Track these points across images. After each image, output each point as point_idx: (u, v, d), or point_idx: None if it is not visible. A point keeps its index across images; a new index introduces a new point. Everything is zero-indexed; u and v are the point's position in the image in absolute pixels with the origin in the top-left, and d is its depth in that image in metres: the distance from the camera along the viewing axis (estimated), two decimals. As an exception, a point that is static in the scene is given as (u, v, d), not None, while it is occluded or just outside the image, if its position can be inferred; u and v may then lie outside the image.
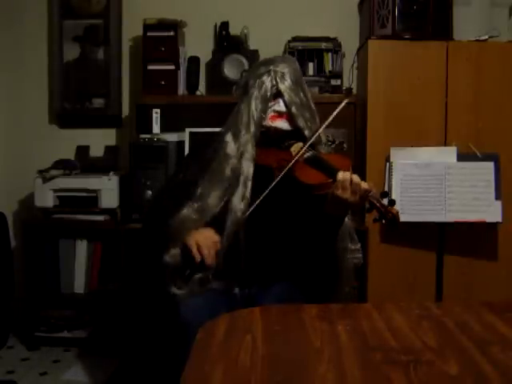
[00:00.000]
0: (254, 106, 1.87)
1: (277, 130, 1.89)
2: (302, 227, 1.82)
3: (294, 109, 1.87)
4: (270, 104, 1.87)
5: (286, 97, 1.87)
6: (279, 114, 1.88)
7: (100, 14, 3.21)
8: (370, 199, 1.64)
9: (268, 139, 1.89)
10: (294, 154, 1.82)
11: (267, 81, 1.88)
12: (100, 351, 2.92)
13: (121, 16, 3.22)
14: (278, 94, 1.88)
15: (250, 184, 1.81)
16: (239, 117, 1.89)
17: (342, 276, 1.90)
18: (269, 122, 1.88)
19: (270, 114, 1.88)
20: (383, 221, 1.64)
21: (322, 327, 1.33)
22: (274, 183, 1.75)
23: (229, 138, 1.89)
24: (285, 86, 1.87)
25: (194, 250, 1.73)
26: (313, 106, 1.97)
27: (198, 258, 1.73)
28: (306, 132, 1.88)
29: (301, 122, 1.88)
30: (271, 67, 1.89)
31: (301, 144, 1.84)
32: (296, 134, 1.89)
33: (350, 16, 3.14)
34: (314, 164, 1.78)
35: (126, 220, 2.87)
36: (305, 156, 1.80)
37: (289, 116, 1.88)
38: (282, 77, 1.88)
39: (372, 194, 1.64)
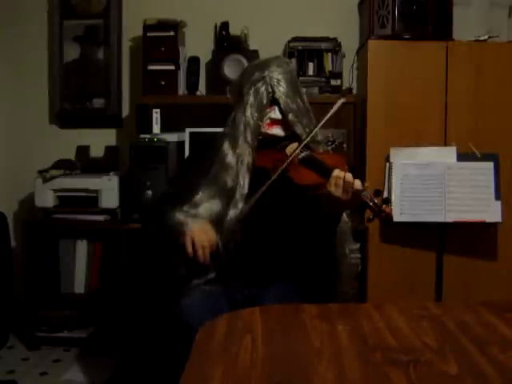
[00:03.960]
0: (250, 113, 1.85)
1: (273, 136, 1.88)
2: (299, 227, 1.82)
3: (290, 116, 1.86)
4: (266, 111, 1.86)
5: (282, 104, 1.85)
6: (275, 122, 1.87)
7: (100, 14, 3.21)
8: (363, 198, 1.62)
9: (264, 142, 1.88)
10: (289, 154, 1.81)
11: (262, 88, 1.85)
12: (100, 351, 2.92)
13: (121, 16, 3.22)
14: (273, 101, 1.86)
15: (245, 194, 1.80)
16: (236, 125, 1.88)
17: (340, 276, 1.90)
18: (265, 129, 1.87)
19: (267, 121, 1.87)
20: (377, 219, 1.63)
21: (322, 327, 1.33)
22: (266, 185, 1.73)
23: (226, 147, 1.87)
24: (281, 92, 1.85)
25: (189, 250, 1.73)
26: (309, 108, 1.95)
27: (190, 254, 1.72)
28: (304, 137, 1.85)
29: (298, 129, 1.87)
30: (266, 73, 1.86)
31: (296, 144, 1.83)
32: (292, 136, 1.88)
33: (350, 16, 3.14)
34: (308, 164, 1.77)
35: (126, 220, 2.87)
36: (299, 157, 1.79)
37: (285, 123, 1.87)
38: (278, 83, 1.85)
39: (365, 194, 1.62)
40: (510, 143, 2.62)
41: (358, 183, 1.63)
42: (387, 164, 2.57)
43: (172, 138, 2.90)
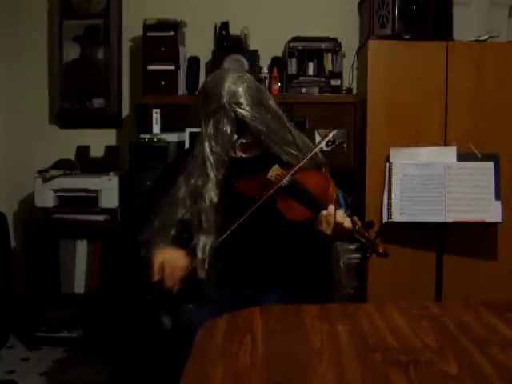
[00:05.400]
0: (209, 147, 1.73)
1: (251, 158, 1.80)
2: (291, 251, 1.77)
3: (262, 137, 1.75)
4: (233, 138, 1.76)
5: (250, 127, 1.74)
6: (248, 145, 1.79)
7: (100, 14, 3.21)
8: (356, 237, 1.60)
9: (243, 166, 1.79)
10: (271, 178, 1.72)
11: (222, 118, 1.73)
12: (100, 351, 2.92)
13: (121, 16, 3.22)
14: (241, 126, 1.75)
15: (214, 225, 1.70)
16: (193, 157, 1.75)
17: (338, 283, 1.84)
18: (240, 154, 1.79)
19: (238, 147, 1.78)
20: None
21: (322, 327, 1.33)
22: (243, 217, 1.66)
23: (180, 180, 1.75)
24: (245, 117, 1.72)
25: (156, 268, 1.64)
26: (278, 111, 1.82)
27: (157, 277, 1.64)
28: (284, 157, 1.77)
29: (273, 149, 1.77)
30: (223, 100, 1.72)
31: (277, 167, 1.74)
32: (269, 152, 1.79)
33: (350, 16, 3.14)
34: (293, 195, 1.69)
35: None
36: (282, 185, 1.70)
37: (258, 142, 1.78)
38: (239, 106, 1.73)
39: (358, 230, 1.60)
40: (510, 143, 2.62)
41: (347, 223, 1.59)
42: (387, 164, 2.57)
43: (172, 137, 2.90)
